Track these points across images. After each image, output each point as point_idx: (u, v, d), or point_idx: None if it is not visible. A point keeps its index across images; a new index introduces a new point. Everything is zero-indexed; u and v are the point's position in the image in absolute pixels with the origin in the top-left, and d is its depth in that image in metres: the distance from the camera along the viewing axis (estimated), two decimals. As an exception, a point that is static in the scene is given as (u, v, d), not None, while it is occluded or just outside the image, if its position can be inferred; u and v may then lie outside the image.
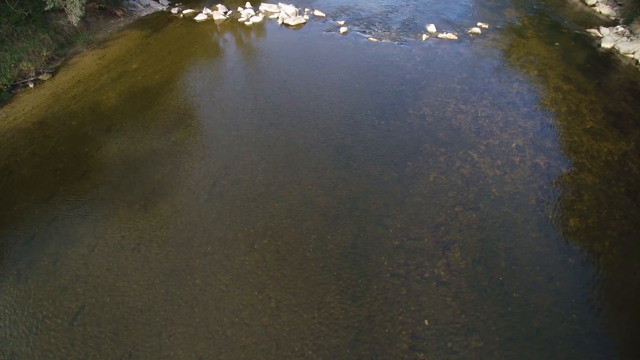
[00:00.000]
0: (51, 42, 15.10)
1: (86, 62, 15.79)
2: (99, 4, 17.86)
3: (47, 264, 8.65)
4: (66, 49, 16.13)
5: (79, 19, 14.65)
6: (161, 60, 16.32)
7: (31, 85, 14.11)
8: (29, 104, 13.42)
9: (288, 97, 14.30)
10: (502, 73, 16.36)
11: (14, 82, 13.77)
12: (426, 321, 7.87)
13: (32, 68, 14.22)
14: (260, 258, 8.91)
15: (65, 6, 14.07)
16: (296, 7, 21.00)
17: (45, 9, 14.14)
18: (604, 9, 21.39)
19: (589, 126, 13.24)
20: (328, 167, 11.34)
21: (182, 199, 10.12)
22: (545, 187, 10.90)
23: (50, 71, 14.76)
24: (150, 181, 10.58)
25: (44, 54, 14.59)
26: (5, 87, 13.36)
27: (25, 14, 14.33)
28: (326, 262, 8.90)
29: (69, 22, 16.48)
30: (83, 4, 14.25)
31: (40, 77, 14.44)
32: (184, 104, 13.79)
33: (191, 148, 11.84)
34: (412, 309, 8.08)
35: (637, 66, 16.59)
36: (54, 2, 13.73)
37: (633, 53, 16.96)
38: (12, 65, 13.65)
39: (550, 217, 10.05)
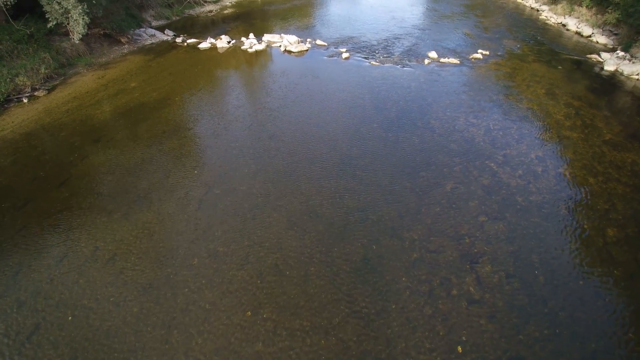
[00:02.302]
0: (51, 61, 14.81)
1: (85, 81, 15.42)
2: (104, 29, 17.97)
3: (7, 276, 7.29)
4: (66, 69, 15.85)
5: (80, 36, 14.46)
6: (160, 80, 15.99)
7: (25, 100, 13.53)
8: (19, 117, 12.73)
9: (289, 112, 13.70)
10: (510, 91, 15.99)
11: (8, 96, 13.21)
12: (459, 348, 6.38)
13: (29, 83, 13.75)
14: (255, 273, 7.57)
15: (68, 23, 13.93)
16: (298, 37, 21.39)
17: (48, 25, 14.00)
18: (601, 39, 21.77)
19: (607, 138, 12.48)
20: (333, 177, 10.33)
21: (169, 208, 8.96)
22: (574, 196, 9.82)
23: (47, 88, 14.30)
24: (136, 190, 9.49)
25: (42, 71, 14.21)
26: (-2, 100, 12.81)
27: (28, 32, 14.16)
28: (333, 277, 7.55)
29: (71, 45, 16.40)
30: (86, 23, 14.14)
31: (35, 93, 13.93)
32: (180, 116, 13.12)
33: (184, 157, 10.92)
34: (441, 333, 6.61)
35: (646, 85, 16.29)
36: (57, 19, 13.60)
37: (637, 74, 16.76)
38: (8, 79, 13.19)
39: (585, 226, 8.85)
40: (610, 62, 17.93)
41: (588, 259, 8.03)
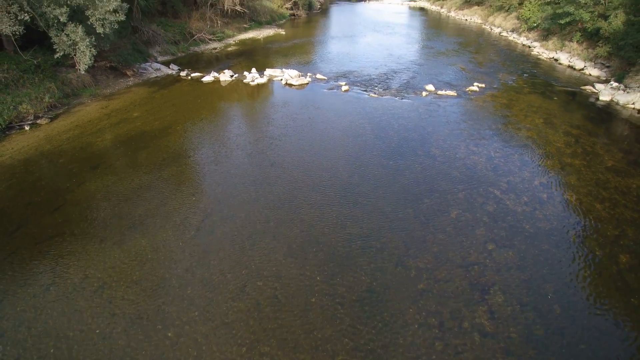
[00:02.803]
0: (56, 91, 15.09)
1: (88, 110, 15.63)
2: (110, 62, 18.54)
3: (-14, 308, 6.82)
4: (70, 99, 16.13)
5: (86, 67, 14.83)
6: (163, 110, 16.23)
7: (27, 128, 13.61)
8: (19, 144, 12.72)
9: (290, 140, 13.73)
10: (508, 120, 16.16)
11: (10, 123, 13.30)
12: (474, 386, 5.82)
13: (32, 111, 13.90)
14: (252, 304, 7.10)
15: (75, 55, 14.34)
16: (299, 71, 22.06)
17: (55, 56, 14.39)
18: (593, 72, 22.45)
19: (610, 165, 12.40)
20: (334, 204, 10.09)
21: (164, 235, 8.63)
22: (582, 222, 9.52)
23: (50, 117, 14.45)
24: (131, 217, 9.21)
25: (46, 100, 14.42)
26: (0, 126, 12.84)
27: (35, 62, 14.55)
28: (336, 309, 7.08)
29: (77, 77, 16.82)
30: (93, 55, 14.57)
31: (38, 121, 14.05)
32: (181, 144, 13.11)
33: (183, 184, 10.74)
34: (453, 370, 6.07)
35: (642, 115, 16.51)
36: (64, 50, 14.02)
37: (633, 103, 17.05)
38: (12, 107, 13.35)
39: (597, 253, 8.48)
40: (605, 93, 18.32)
41: (603, 287, 7.60)
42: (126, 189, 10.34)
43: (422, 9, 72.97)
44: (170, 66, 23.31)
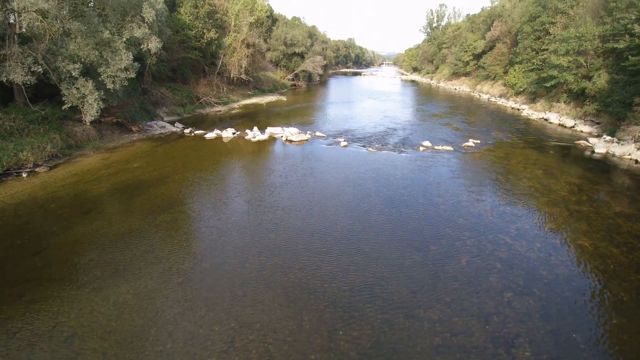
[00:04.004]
0: (59, 141, 15.28)
1: (88, 161, 15.64)
2: (117, 118, 19.16)
3: None
4: (73, 150, 16.28)
5: (92, 118, 15.20)
6: (163, 162, 16.27)
7: (24, 175, 13.44)
8: (13, 189, 12.41)
9: (290, 188, 13.48)
10: (508, 171, 16.14)
11: (8, 170, 13.18)
12: None
13: (32, 159, 13.87)
14: (242, 361, 6.12)
15: (83, 106, 14.79)
16: (299, 130, 22.80)
17: (63, 107, 14.82)
18: (584, 128, 23.21)
19: (618, 210, 12.00)
20: (335, 251, 9.44)
21: (149, 282, 7.84)
22: (601, 267, 8.80)
23: (49, 166, 14.39)
24: (116, 262, 8.49)
25: (48, 149, 14.52)
26: (-4, 172, 12.70)
27: (42, 114, 14.94)
28: (339, 367, 6.08)
29: (83, 130, 17.22)
30: (100, 108, 15.04)
31: (37, 169, 13.95)
32: (177, 192, 12.80)
33: (174, 231, 10.17)
34: None
35: (639, 165, 16.56)
36: (72, 101, 14.50)
37: (629, 154, 17.24)
38: (12, 154, 13.35)
39: (624, 299, 7.65)
40: (600, 146, 18.66)
41: (638, 336, 6.66)
42: (115, 234, 9.75)
43: (413, 81, 78.93)
44: (175, 124, 24.13)
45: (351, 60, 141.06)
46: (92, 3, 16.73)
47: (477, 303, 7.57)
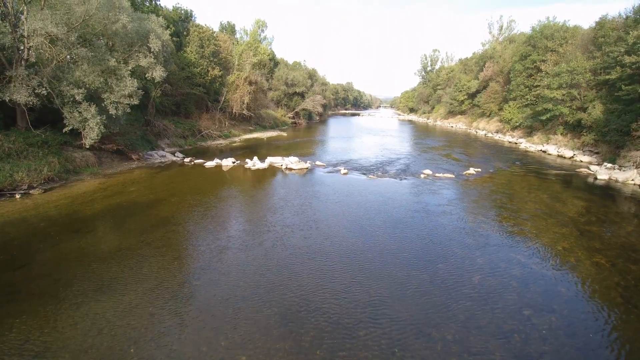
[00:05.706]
0: (57, 165, 15.08)
1: (84, 185, 15.33)
2: (117, 145, 19.15)
3: None
4: (70, 175, 16.03)
5: (92, 142, 15.12)
6: (160, 186, 15.97)
7: (18, 197, 13.07)
8: (3, 209, 11.97)
9: (290, 209, 13.05)
10: (513, 195, 15.81)
11: (2, 190, 12.83)
12: None
13: (27, 181, 13.56)
14: (233, 384, 5.37)
15: (84, 129, 14.78)
16: (299, 159, 22.80)
17: (64, 130, 14.78)
18: (583, 158, 23.24)
19: (630, 230, 11.56)
20: (337, 269, 8.85)
21: (132, 299, 7.19)
22: (622, 283, 8.19)
23: (44, 188, 14.07)
24: (101, 278, 7.87)
25: (45, 172, 14.27)
26: (-12, 191, 12.35)
27: (43, 137, 14.89)
28: (343, 391, 5.34)
29: (82, 156, 17.12)
30: (101, 132, 15.04)
31: (31, 191, 13.60)
32: (171, 212, 12.34)
33: (165, 248, 9.60)
34: None
35: (646, 190, 16.29)
36: (73, 125, 14.50)
37: (633, 180, 17.02)
38: (7, 175, 13.09)
39: (661, 321, 6.96)
40: (602, 172, 18.51)
41: (687, 362, 5.93)
42: (103, 251, 9.19)
43: (410, 120, 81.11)
44: (176, 154, 24.15)
45: (349, 102, 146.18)
46: (101, 38, 17.46)
47: (494, 321, 6.89)
